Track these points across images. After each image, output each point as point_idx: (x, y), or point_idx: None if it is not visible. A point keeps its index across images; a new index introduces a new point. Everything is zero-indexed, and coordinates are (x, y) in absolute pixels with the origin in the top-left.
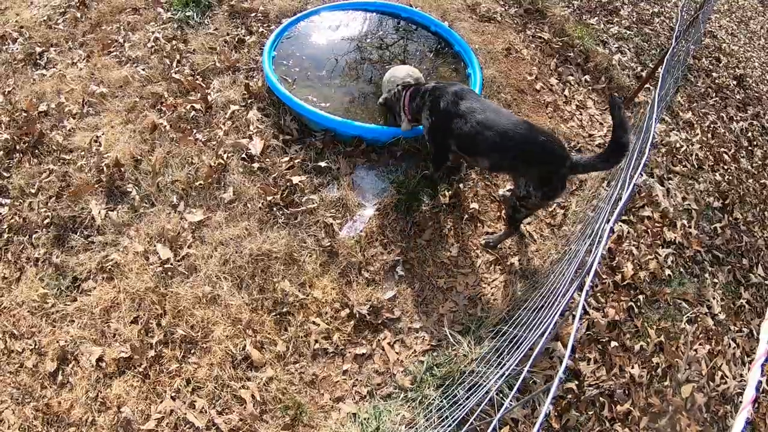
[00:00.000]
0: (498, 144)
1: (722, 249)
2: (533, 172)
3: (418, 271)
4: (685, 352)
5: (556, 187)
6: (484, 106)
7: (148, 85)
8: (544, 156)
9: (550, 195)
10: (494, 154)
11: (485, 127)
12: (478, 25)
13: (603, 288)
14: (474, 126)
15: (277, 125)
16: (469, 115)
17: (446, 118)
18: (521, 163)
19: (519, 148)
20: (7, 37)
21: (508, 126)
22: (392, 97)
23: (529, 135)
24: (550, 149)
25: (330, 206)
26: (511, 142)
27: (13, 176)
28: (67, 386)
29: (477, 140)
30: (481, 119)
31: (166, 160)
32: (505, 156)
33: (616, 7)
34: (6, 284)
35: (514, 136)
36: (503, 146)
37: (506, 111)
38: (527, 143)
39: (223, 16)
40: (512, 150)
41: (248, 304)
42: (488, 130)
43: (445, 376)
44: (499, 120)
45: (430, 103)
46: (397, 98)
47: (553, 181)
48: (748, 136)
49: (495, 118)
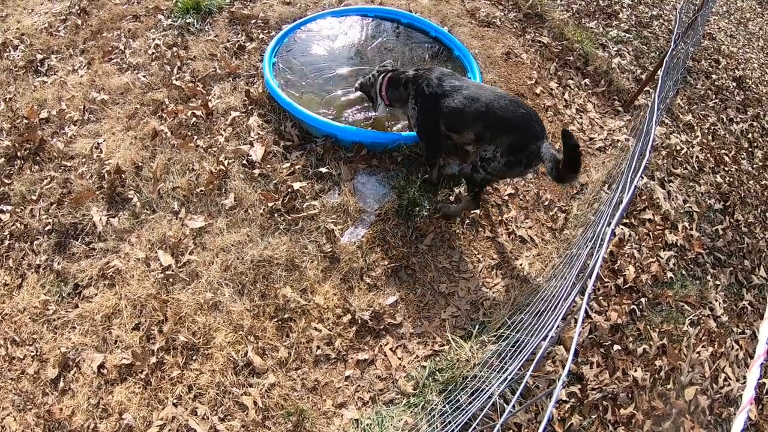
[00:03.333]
0: (483, 113)
1: (724, 251)
2: (505, 140)
3: (419, 276)
4: (688, 355)
5: (519, 159)
6: (467, 83)
7: (148, 92)
8: (519, 126)
9: (512, 164)
10: (479, 123)
11: (472, 100)
12: (478, 29)
13: (605, 291)
14: (461, 101)
15: (277, 131)
16: (456, 92)
17: (434, 100)
18: (500, 132)
19: (500, 116)
20: (8, 44)
21: (492, 97)
22: (367, 82)
23: (511, 106)
24: (526, 122)
25: (331, 212)
26: (495, 111)
27: (14, 183)
28: (68, 393)
29: (464, 114)
30: (467, 94)
31: (167, 166)
32: (488, 125)
33: (615, 11)
34: (7, 291)
35: (499, 105)
36: (488, 115)
37: (493, 88)
38: (508, 112)
39: (224, 23)
40: (494, 118)
41: (250, 310)
42: (475, 102)
43: (447, 381)
44: (484, 93)
45: (414, 91)
46: (371, 83)
47: (519, 153)
48: (749, 138)
49: (480, 91)
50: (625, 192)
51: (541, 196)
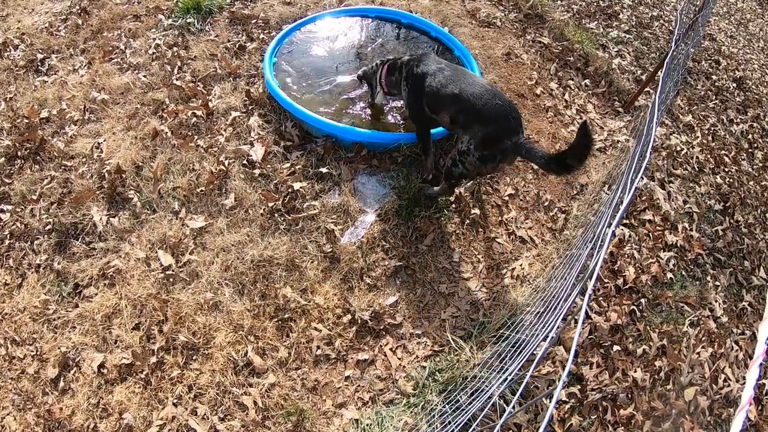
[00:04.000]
0: (456, 97)
1: (724, 252)
2: (479, 131)
3: (419, 276)
4: (688, 356)
5: (494, 154)
6: (451, 67)
7: (149, 92)
8: (493, 119)
9: (487, 159)
10: (452, 107)
11: (450, 82)
12: (478, 30)
13: (605, 292)
14: (440, 81)
15: (278, 131)
16: (438, 72)
17: (419, 79)
18: (472, 120)
19: (472, 104)
20: (8, 44)
21: (467, 84)
22: (369, 70)
23: (486, 96)
24: (500, 116)
25: (331, 212)
26: (468, 98)
27: (14, 182)
28: (68, 392)
29: (441, 94)
30: (447, 75)
31: (168, 166)
32: (461, 110)
33: (616, 11)
34: (7, 290)
35: (472, 93)
36: (459, 100)
37: (475, 75)
38: (480, 103)
39: (224, 23)
40: (467, 104)
41: (250, 310)
42: (451, 85)
43: (447, 382)
44: (463, 78)
45: (406, 72)
46: (374, 71)
47: (493, 147)
48: (749, 138)
49: (458, 76)
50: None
51: (541, 197)
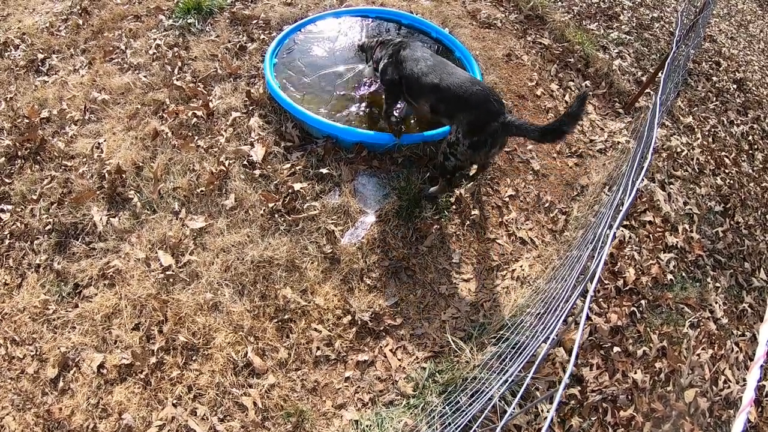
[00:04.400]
0: (436, 86)
1: (724, 253)
2: (464, 120)
3: (419, 277)
4: (688, 357)
5: (484, 140)
6: (434, 57)
7: (149, 92)
8: (475, 105)
9: (477, 146)
10: (432, 95)
11: (431, 70)
12: (479, 31)
13: (605, 293)
14: (421, 68)
15: (278, 132)
16: (421, 60)
17: (401, 62)
18: (455, 109)
19: (453, 93)
20: (9, 44)
21: (446, 74)
22: (367, 44)
23: (464, 84)
24: (482, 100)
25: (331, 213)
26: (447, 87)
27: (14, 182)
28: (68, 393)
29: (421, 82)
30: (429, 64)
31: (168, 166)
32: (440, 99)
33: (616, 13)
34: (7, 290)
35: (451, 83)
36: (439, 89)
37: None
38: (461, 91)
39: (225, 24)
40: (446, 94)
41: (250, 310)
42: (432, 74)
43: (447, 383)
44: (444, 69)
45: (392, 49)
46: (371, 46)
47: (481, 133)
48: (749, 140)
49: (439, 66)
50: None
51: (541, 198)
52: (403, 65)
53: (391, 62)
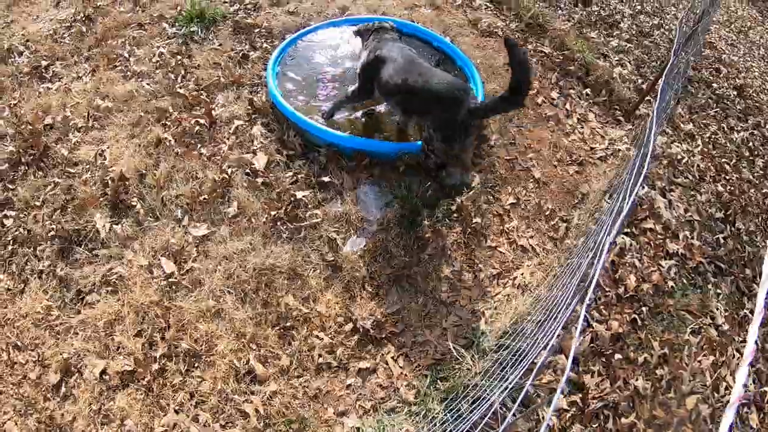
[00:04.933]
0: (399, 86)
1: (725, 259)
2: (432, 115)
3: (421, 285)
4: (689, 364)
5: (455, 132)
6: (405, 57)
7: (153, 100)
8: (438, 100)
9: (450, 139)
10: (398, 96)
11: (396, 73)
12: (480, 40)
13: (606, 301)
14: (389, 71)
15: (280, 140)
16: (389, 61)
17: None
18: (422, 106)
19: (417, 91)
20: (13, 50)
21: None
22: (364, 28)
23: (426, 81)
24: (444, 95)
25: (334, 221)
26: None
27: (18, 188)
28: (70, 398)
29: (389, 84)
30: (398, 65)
31: (171, 174)
32: (407, 98)
33: (616, 20)
34: (10, 296)
35: (414, 81)
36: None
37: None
38: (423, 88)
39: (227, 32)
40: (410, 93)
41: (252, 318)
42: (397, 76)
43: (448, 390)
44: (411, 68)
45: (373, 47)
46: (368, 30)
47: (450, 125)
48: (749, 146)
49: (407, 66)
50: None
51: (542, 206)
52: (378, 68)
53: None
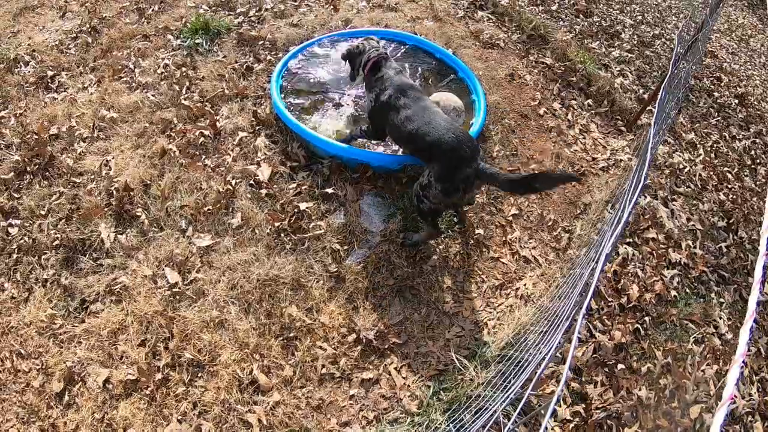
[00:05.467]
0: (412, 134)
1: (728, 268)
2: (435, 165)
3: (424, 296)
4: (693, 373)
5: (456, 186)
6: (417, 104)
7: (157, 111)
8: (448, 152)
9: (449, 191)
10: (410, 145)
11: (408, 120)
12: (482, 51)
13: (609, 311)
14: (401, 117)
15: (284, 152)
16: (402, 109)
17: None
18: (430, 154)
19: (427, 141)
20: (19, 60)
21: (424, 122)
22: (355, 50)
23: (441, 131)
24: (454, 147)
25: (337, 232)
26: (423, 136)
27: (23, 197)
28: (73, 407)
29: (401, 130)
30: (408, 114)
31: (175, 185)
32: (417, 148)
33: (617, 31)
34: (14, 304)
35: (427, 132)
36: (416, 137)
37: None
38: (434, 139)
39: (232, 44)
40: (421, 142)
41: (255, 328)
42: (410, 123)
43: (451, 401)
44: (423, 116)
45: (378, 89)
46: (360, 52)
47: (453, 178)
48: (751, 155)
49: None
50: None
51: (544, 217)
52: (388, 114)
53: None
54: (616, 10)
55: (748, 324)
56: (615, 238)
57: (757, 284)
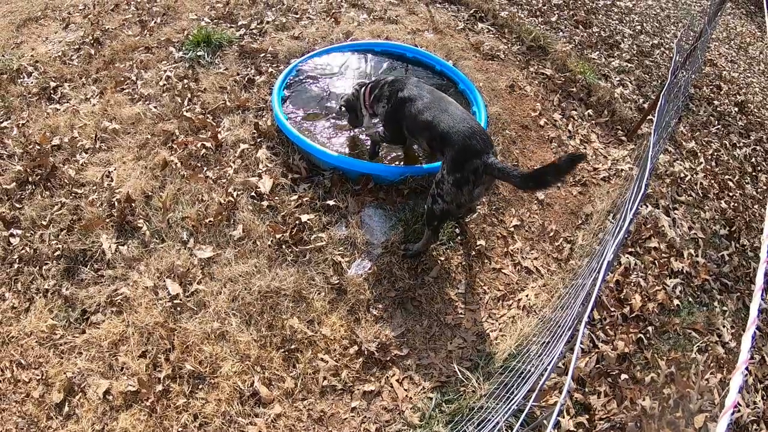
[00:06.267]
0: (429, 123)
1: (730, 276)
2: (448, 154)
3: (426, 307)
4: (697, 382)
5: (467, 177)
6: (431, 93)
7: (159, 123)
8: (459, 140)
9: (461, 183)
10: (426, 133)
11: (426, 108)
12: (482, 63)
13: (611, 321)
14: (418, 107)
15: (285, 164)
16: (418, 99)
17: (401, 103)
18: (442, 145)
19: (441, 130)
20: (22, 71)
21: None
22: (352, 98)
23: (455, 120)
24: (466, 136)
25: (338, 244)
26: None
27: (25, 207)
28: (72, 418)
29: (418, 120)
30: (425, 102)
31: (177, 196)
32: (433, 136)
33: (617, 41)
34: (15, 314)
35: (442, 119)
36: (431, 126)
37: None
38: (448, 127)
39: (233, 57)
40: (436, 131)
41: (257, 340)
42: (427, 111)
43: (454, 413)
44: (438, 105)
45: (389, 93)
46: (356, 97)
47: (463, 168)
48: (752, 162)
49: (435, 103)
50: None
51: (546, 227)
52: (404, 108)
53: (391, 107)
54: (616, 21)
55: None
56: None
57: (758, 291)
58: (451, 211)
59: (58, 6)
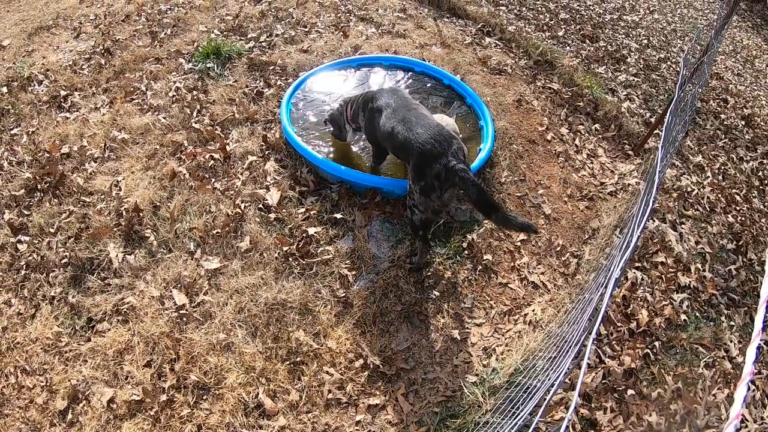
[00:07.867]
0: (391, 133)
1: (738, 291)
2: (411, 164)
3: (432, 322)
4: (704, 398)
5: (430, 183)
6: (397, 101)
7: (168, 133)
8: (418, 146)
9: (427, 190)
10: (388, 142)
11: (387, 119)
12: (490, 77)
13: (618, 336)
14: (383, 119)
15: (293, 176)
16: (385, 108)
17: (372, 114)
18: (405, 153)
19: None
20: (33, 79)
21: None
22: (336, 112)
23: (416, 127)
24: (425, 141)
25: (345, 257)
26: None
27: (33, 214)
28: (76, 425)
29: (383, 130)
30: (389, 112)
31: (185, 207)
32: (395, 145)
33: (623, 55)
34: (21, 320)
35: (402, 128)
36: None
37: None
38: (406, 134)
39: (243, 69)
40: (399, 139)
41: (262, 352)
42: (390, 121)
43: (459, 428)
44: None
45: (362, 104)
46: (340, 113)
47: (424, 174)
48: (759, 176)
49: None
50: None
51: (553, 242)
52: (373, 119)
53: (366, 120)
54: (622, 35)
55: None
56: (624, 262)
57: (763, 303)
58: (430, 219)
59: (69, 15)
